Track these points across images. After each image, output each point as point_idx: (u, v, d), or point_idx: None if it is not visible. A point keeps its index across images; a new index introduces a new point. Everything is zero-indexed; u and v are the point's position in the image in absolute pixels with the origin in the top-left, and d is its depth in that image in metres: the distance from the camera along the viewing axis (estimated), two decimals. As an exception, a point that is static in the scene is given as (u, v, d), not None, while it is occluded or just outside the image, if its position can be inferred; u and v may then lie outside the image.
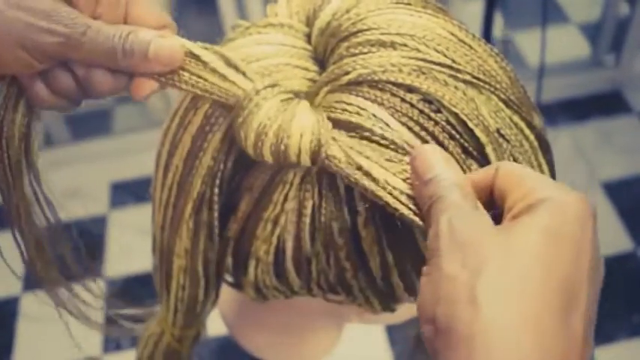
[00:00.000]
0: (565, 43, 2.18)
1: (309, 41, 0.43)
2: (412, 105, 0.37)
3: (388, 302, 0.46)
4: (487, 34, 1.51)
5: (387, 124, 0.37)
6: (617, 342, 1.56)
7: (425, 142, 0.37)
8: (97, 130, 2.07)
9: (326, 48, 0.41)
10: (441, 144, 0.38)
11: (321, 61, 0.42)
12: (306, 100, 0.39)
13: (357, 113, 0.37)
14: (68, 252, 0.44)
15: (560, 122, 1.97)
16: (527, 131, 0.41)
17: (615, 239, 1.74)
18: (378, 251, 0.41)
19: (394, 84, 0.37)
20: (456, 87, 0.38)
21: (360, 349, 1.58)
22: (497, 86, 0.39)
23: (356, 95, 0.38)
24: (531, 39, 1.59)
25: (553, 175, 0.44)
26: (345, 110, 0.38)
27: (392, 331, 1.64)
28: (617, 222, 1.77)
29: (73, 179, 1.96)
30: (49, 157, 1.98)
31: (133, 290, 1.56)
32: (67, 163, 1.98)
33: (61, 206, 0.42)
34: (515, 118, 0.40)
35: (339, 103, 0.38)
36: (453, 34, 0.40)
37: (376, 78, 0.37)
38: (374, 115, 0.37)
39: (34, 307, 1.64)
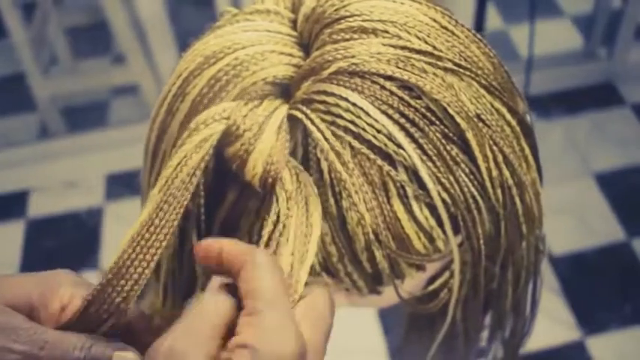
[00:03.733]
0: (558, 36, 2.19)
1: (294, 27, 0.43)
2: (392, 92, 0.38)
3: (375, 285, 0.46)
4: (479, 27, 1.52)
5: (368, 113, 0.38)
6: (609, 332, 1.58)
7: (404, 129, 0.38)
8: (92, 122, 2.07)
9: (310, 34, 0.42)
10: (421, 130, 0.38)
11: (306, 46, 0.43)
12: (285, 106, 0.40)
13: (337, 105, 0.38)
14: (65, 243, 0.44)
15: (553, 114, 1.98)
16: (508, 116, 0.42)
17: (608, 230, 1.75)
18: (363, 234, 0.41)
19: (374, 73, 0.38)
20: (435, 74, 0.39)
21: (353, 339, 1.59)
22: (479, 72, 0.40)
23: (337, 84, 0.38)
24: (525, 31, 1.60)
25: (536, 157, 0.45)
26: (325, 101, 0.38)
27: (385, 319, 1.65)
28: (610, 213, 1.78)
29: (69, 171, 1.97)
30: (46, 149, 1.99)
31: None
32: (63, 155, 1.98)
33: (58, 198, 0.42)
34: (497, 104, 0.41)
35: (319, 93, 0.39)
36: (435, 21, 0.41)
37: (357, 69, 0.38)
38: (354, 105, 0.38)
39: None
